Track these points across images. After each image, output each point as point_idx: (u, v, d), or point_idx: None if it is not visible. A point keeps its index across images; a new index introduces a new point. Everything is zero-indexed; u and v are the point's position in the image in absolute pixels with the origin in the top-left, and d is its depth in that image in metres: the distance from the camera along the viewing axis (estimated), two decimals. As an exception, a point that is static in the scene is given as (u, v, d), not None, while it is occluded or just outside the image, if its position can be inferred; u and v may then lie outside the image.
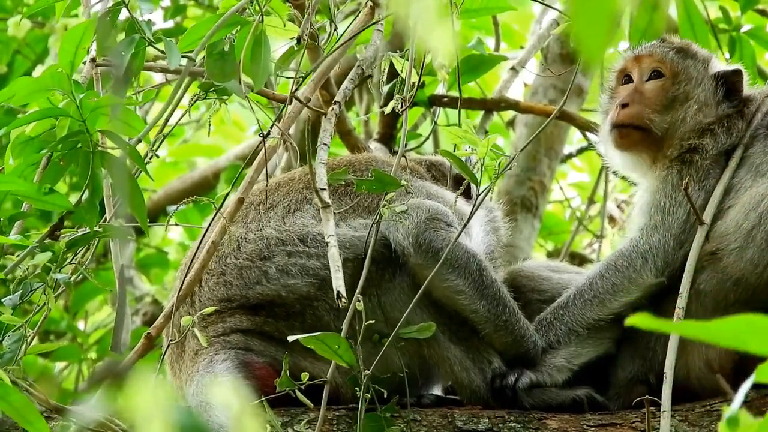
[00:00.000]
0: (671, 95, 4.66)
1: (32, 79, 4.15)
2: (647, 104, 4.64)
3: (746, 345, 2.17)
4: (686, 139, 4.58)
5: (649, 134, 4.62)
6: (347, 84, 4.39)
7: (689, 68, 4.70)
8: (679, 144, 4.58)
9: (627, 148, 4.66)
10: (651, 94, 4.67)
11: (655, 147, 4.63)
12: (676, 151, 4.58)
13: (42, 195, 4.11)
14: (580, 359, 4.46)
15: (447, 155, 4.30)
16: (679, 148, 4.57)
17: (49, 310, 4.15)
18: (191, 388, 4.25)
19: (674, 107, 4.64)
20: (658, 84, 4.68)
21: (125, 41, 4.16)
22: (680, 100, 4.64)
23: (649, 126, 4.62)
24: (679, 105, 4.64)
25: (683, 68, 4.69)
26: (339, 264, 3.95)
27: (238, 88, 4.18)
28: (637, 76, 4.74)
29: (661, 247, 4.45)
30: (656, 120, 4.62)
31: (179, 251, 7.79)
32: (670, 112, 4.63)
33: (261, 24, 4.23)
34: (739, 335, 2.15)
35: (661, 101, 4.65)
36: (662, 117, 4.62)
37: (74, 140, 4.09)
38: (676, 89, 4.66)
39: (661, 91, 4.67)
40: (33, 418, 3.72)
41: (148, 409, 2.19)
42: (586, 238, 8.22)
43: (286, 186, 4.57)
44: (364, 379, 4.06)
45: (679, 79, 4.68)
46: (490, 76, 7.13)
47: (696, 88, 4.66)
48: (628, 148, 4.66)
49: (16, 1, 7.05)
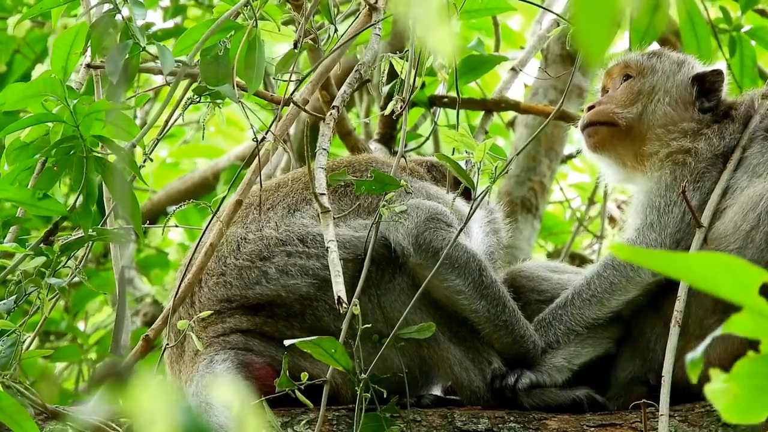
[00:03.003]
0: (636, 89, 4.71)
1: (25, 85, 4.15)
2: (613, 101, 4.71)
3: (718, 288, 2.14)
4: (671, 137, 4.58)
5: (617, 128, 4.65)
6: (345, 88, 4.39)
7: (656, 64, 4.75)
8: (663, 143, 4.58)
9: (599, 148, 4.70)
10: (618, 93, 4.73)
11: (628, 142, 4.65)
12: (664, 149, 4.58)
13: (36, 200, 4.11)
14: (579, 359, 4.47)
15: (444, 159, 4.31)
16: (666, 147, 4.58)
17: (44, 316, 4.14)
18: (191, 389, 4.25)
19: (639, 99, 4.69)
20: (626, 83, 4.74)
21: (119, 46, 4.16)
22: (646, 92, 4.69)
23: (613, 119, 4.66)
24: (645, 97, 4.68)
25: (650, 65, 4.75)
26: (339, 269, 3.95)
27: (231, 92, 4.19)
28: (610, 85, 4.82)
29: (658, 246, 4.46)
30: (620, 112, 4.66)
31: (179, 252, 7.80)
32: (635, 104, 4.67)
33: (255, 28, 4.23)
34: (712, 276, 2.12)
35: (627, 96, 4.71)
36: (627, 109, 4.67)
37: (68, 146, 4.08)
38: (641, 83, 4.71)
39: (627, 88, 4.73)
40: (24, 421, 3.72)
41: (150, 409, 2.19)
42: (586, 238, 8.23)
43: (285, 186, 4.57)
44: (362, 380, 4.07)
45: (645, 74, 4.72)
46: (490, 77, 7.13)
47: (664, 81, 4.69)
48: (600, 146, 4.70)
49: (16, 1, 7.06)
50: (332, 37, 4.47)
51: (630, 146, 4.66)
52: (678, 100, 4.66)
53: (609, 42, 2.05)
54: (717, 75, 4.71)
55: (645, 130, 4.64)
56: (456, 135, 4.33)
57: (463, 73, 6.00)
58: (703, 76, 4.70)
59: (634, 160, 4.67)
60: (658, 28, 5.58)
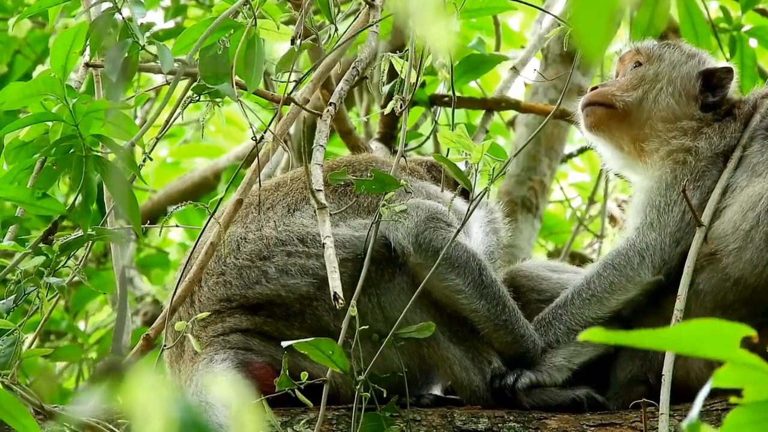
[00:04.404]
0: (641, 74, 4.72)
1: (25, 84, 4.15)
2: (616, 85, 4.71)
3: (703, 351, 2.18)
4: (671, 135, 4.58)
5: (614, 110, 4.67)
6: (342, 85, 4.39)
7: (665, 54, 4.75)
8: (663, 140, 4.58)
9: (594, 128, 4.71)
10: (624, 77, 4.74)
11: (625, 126, 4.66)
12: (664, 147, 4.58)
13: (35, 200, 4.10)
14: (579, 359, 4.46)
15: (441, 160, 4.30)
16: (666, 145, 4.58)
17: (44, 315, 4.14)
18: (191, 388, 4.26)
19: (641, 85, 4.69)
20: (634, 69, 4.74)
21: (118, 45, 4.16)
22: (649, 79, 4.69)
23: (611, 101, 4.68)
24: (648, 83, 4.68)
25: (659, 53, 4.75)
26: (335, 265, 3.95)
27: (231, 90, 4.19)
28: (621, 71, 4.82)
29: (658, 246, 4.45)
30: (619, 95, 4.68)
31: (179, 251, 7.80)
32: (636, 89, 4.68)
33: (254, 27, 4.23)
34: (694, 342, 2.16)
35: (630, 81, 4.72)
36: (628, 93, 4.68)
37: (67, 145, 4.08)
38: (646, 69, 4.71)
39: (633, 74, 4.73)
40: (22, 417, 3.71)
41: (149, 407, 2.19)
42: (586, 238, 8.23)
43: (285, 186, 4.58)
44: (361, 380, 4.07)
45: (652, 61, 4.72)
46: (491, 76, 7.13)
47: (670, 70, 4.69)
48: (596, 127, 4.71)
49: (17, 1, 7.06)
50: (332, 36, 4.47)
51: (627, 130, 4.67)
52: (681, 92, 4.66)
53: (608, 40, 2.05)
54: (726, 72, 4.70)
55: (644, 118, 4.64)
56: (453, 136, 4.33)
57: (463, 73, 6.00)
58: (712, 72, 4.69)
59: (632, 146, 4.67)
60: (659, 26, 5.58)
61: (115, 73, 4.05)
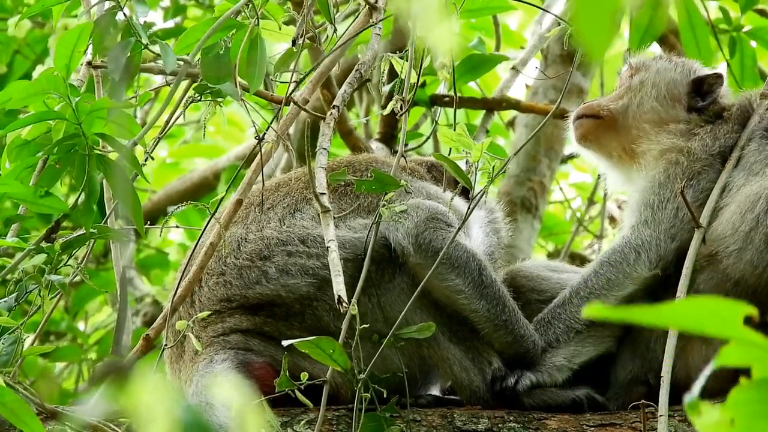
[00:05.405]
0: (627, 85, 4.75)
1: (28, 83, 4.15)
2: (606, 98, 4.75)
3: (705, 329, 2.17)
4: (660, 136, 4.60)
5: (601, 120, 4.71)
6: (346, 88, 4.39)
7: (652, 64, 4.80)
8: (654, 141, 4.61)
9: (583, 140, 4.76)
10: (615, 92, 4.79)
11: (612, 134, 4.70)
12: (656, 147, 4.59)
13: (38, 198, 4.11)
14: (580, 358, 4.47)
15: (441, 159, 4.31)
16: (658, 144, 4.59)
17: (46, 313, 4.14)
18: (191, 388, 4.26)
19: (627, 94, 4.75)
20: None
21: (121, 44, 4.16)
22: (634, 87, 4.73)
23: (598, 112, 4.73)
24: (632, 91, 4.74)
25: (648, 65, 4.81)
26: (340, 269, 3.96)
27: (233, 90, 4.19)
28: (617, 87, 4.89)
29: (653, 241, 4.47)
30: (605, 105, 4.74)
31: (179, 252, 7.79)
32: (623, 98, 4.74)
33: (257, 27, 4.24)
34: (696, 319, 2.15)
35: (618, 92, 4.80)
36: (614, 102, 4.74)
37: (70, 143, 4.09)
38: (633, 80, 4.75)
39: (622, 85, 4.78)
40: (27, 418, 3.72)
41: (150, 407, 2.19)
42: (586, 238, 8.23)
43: (285, 186, 4.57)
44: (361, 381, 4.07)
45: (640, 72, 4.76)
46: (491, 77, 7.13)
47: (653, 76, 4.73)
48: (584, 138, 4.75)
49: (16, 1, 7.06)
50: (332, 36, 4.47)
51: (615, 137, 4.71)
52: (666, 96, 4.69)
53: (609, 40, 2.05)
54: (716, 78, 4.74)
55: (630, 123, 4.68)
56: (453, 135, 4.33)
57: (463, 73, 6.01)
58: (702, 79, 4.73)
59: (623, 152, 4.70)
60: (658, 27, 5.58)
61: (117, 72, 4.06)
